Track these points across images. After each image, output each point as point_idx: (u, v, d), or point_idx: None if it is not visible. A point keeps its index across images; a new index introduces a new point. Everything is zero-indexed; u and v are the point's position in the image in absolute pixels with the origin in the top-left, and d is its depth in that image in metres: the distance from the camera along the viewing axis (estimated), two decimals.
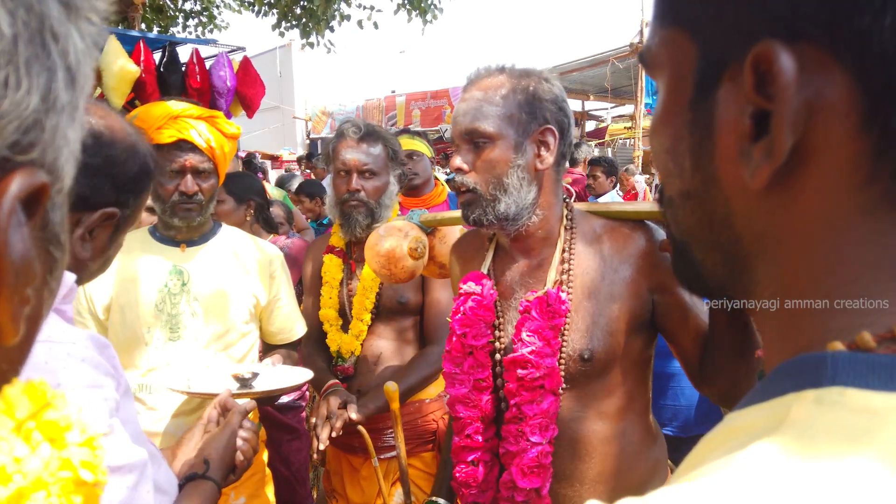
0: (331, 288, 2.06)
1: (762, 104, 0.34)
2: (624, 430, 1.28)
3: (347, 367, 2.03)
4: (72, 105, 0.32)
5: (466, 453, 1.32)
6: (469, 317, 1.32)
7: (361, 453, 2.00)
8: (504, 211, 1.23)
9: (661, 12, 0.41)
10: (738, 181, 0.37)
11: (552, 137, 1.24)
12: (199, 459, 1.12)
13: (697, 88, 0.38)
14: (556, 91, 1.26)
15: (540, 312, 1.24)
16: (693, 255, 0.43)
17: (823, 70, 0.33)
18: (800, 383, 0.32)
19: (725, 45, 0.36)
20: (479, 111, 1.23)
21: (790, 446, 0.29)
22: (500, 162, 1.22)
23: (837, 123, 0.33)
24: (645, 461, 1.31)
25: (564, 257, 1.28)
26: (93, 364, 0.82)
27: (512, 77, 1.25)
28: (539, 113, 1.23)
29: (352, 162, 1.95)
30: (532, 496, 1.24)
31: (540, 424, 1.23)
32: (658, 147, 0.43)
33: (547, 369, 1.22)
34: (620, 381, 1.27)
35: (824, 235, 0.35)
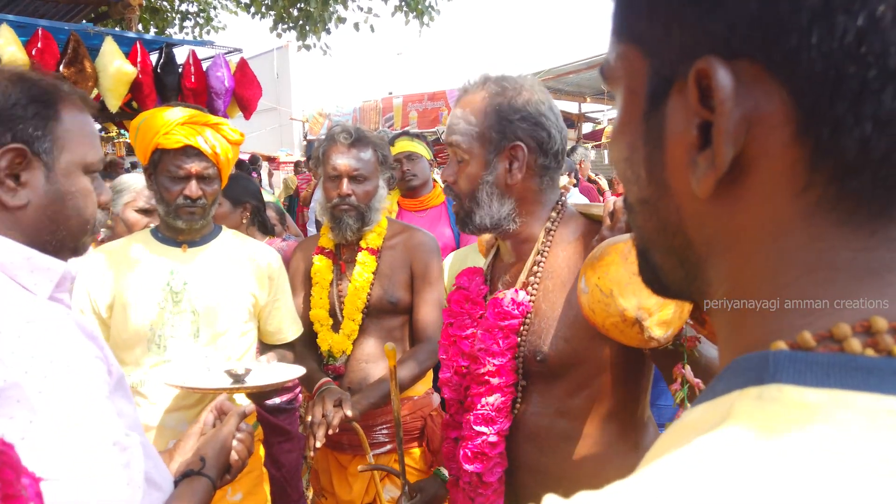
0: (321, 288, 2.09)
1: (706, 116, 0.36)
2: (589, 432, 1.29)
3: (339, 367, 2.05)
4: None
5: (449, 430, 1.43)
6: (455, 309, 1.41)
7: (350, 450, 2.03)
8: (480, 222, 1.30)
9: (617, 28, 0.44)
10: (688, 189, 0.39)
11: (521, 153, 1.27)
12: (195, 458, 1.14)
13: (649, 101, 0.40)
14: (529, 107, 1.27)
15: (492, 313, 1.30)
16: (653, 259, 0.46)
17: (760, 84, 0.35)
18: (744, 381, 0.34)
19: (673, 62, 0.38)
20: (457, 128, 1.30)
21: (729, 441, 0.31)
22: (472, 177, 1.30)
23: (774, 134, 0.35)
24: (618, 466, 1.27)
25: (536, 259, 1.32)
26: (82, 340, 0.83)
27: (489, 94, 1.29)
28: (509, 131, 1.27)
29: (343, 167, 1.99)
30: (474, 480, 1.30)
31: (484, 416, 1.28)
32: (617, 156, 0.46)
33: (496, 367, 1.28)
34: (583, 384, 1.28)
35: (766, 240, 0.37)
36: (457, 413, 1.40)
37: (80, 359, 0.82)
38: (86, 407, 0.79)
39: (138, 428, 0.92)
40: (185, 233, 1.85)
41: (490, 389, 1.29)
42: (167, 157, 1.77)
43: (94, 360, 0.84)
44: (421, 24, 8.03)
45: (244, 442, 1.23)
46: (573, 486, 1.32)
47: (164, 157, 1.78)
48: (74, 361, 0.81)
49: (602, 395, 1.28)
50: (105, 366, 0.86)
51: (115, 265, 1.82)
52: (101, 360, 0.86)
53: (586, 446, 1.29)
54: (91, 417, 0.79)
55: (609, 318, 1.03)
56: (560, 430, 1.29)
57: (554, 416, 1.29)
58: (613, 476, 1.19)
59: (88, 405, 0.80)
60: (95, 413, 0.80)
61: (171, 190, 1.78)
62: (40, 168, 0.96)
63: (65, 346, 0.81)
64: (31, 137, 0.94)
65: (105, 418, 0.81)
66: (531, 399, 1.31)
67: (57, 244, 0.98)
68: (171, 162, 1.77)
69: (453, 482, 1.42)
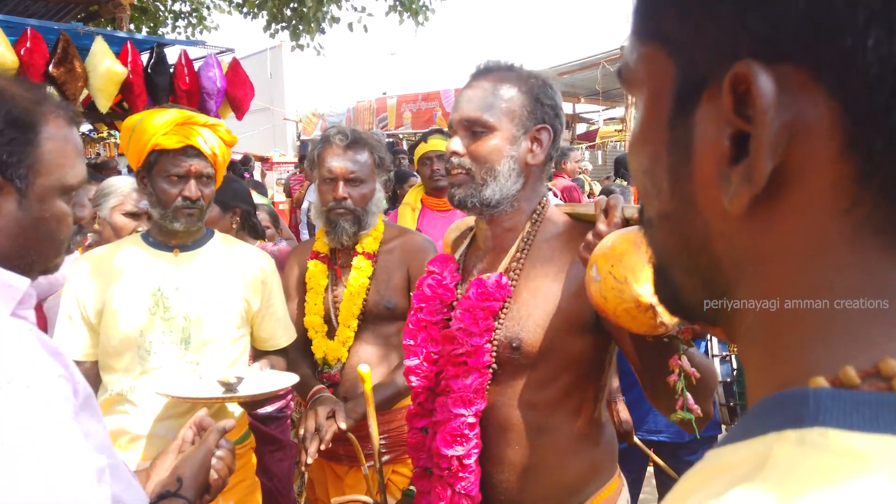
0: (316, 294, 2.04)
1: (741, 126, 0.33)
2: (555, 425, 1.31)
3: (334, 374, 2.01)
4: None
5: (415, 420, 1.42)
6: (426, 294, 1.41)
7: (346, 461, 1.98)
8: (489, 196, 1.30)
9: (639, 27, 0.40)
10: (717, 205, 0.35)
11: (546, 136, 1.33)
12: (172, 478, 1.10)
13: (675, 108, 0.37)
14: (556, 98, 1.36)
15: (475, 293, 1.31)
16: (672, 277, 0.42)
17: (805, 92, 0.32)
18: (781, 422, 0.31)
19: (704, 64, 0.35)
20: (485, 101, 1.30)
21: (772, 492, 0.28)
22: (495, 150, 1.30)
23: (819, 147, 0.32)
24: (579, 461, 1.33)
25: (521, 247, 1.35)
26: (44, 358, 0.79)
27: (520, 76, 1.33)
28: (538, 113, 1.31)
29: (338, 169, 1.94)
30: (455, 464, 1.30)
31: (462, 398, 1.29)
32: (636, 166, 0.42)
33: (472, 347, 1.29)
34: (553, 377, 1.29)
35: (805, 263, 0.34)
36: (426, 401, 1.39)
37: (42, 378, 0.77)
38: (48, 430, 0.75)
39: (108, 449, 0.87)
40: (178, 237, 1.82)
41: (466, 370, 1.30)
42: (165, 157, 1.74)
43: (57, 379, 0.80)
44: (416, 23, 7.99)
45: (224, 460, 1.18)
46: (538, 477, 1.24)
47: (162, 157, 1.74)
48: (35, 381, 0.76)
49: (569, 390, 1.31)
50: (70, 385, 0.82)
51: (105, 270, 1.79)
52: (65, 379, 0.81)
53: (551, 439, 1.31)
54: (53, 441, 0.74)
55: (622, 305, 1.04)
56: (527, 422, 1.30)
57: (523, 406, 1.31)
58: (575, 470, 1.15)
59: (51, 428, 0.75)
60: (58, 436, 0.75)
61: (170, 191, 1.75)
62: (13, 194, 0.91)
63: (25, 366, 0.77)
64: (5, 164, 0.90)
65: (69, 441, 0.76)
66: (500, 388, 1.32)
67: (25, 267, 0.93)
68: (170, 162, 1.74)
69: (420, 474, 1.40)
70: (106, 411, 1.70)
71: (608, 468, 1.39)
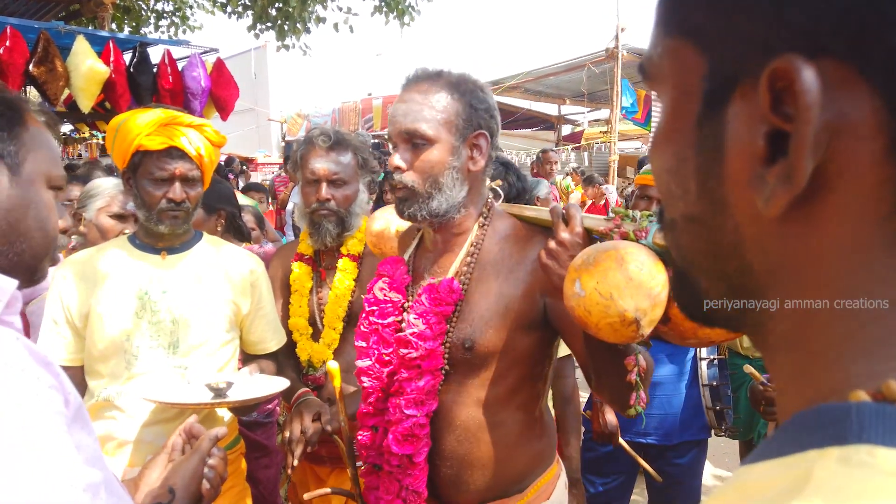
0: (301, 296, 2.03)
1: (778, 124, 0.31)
2: (503, 420, 1.36)
3: (318, 377, 2.00)
4: None
5: (367, 419, 1.45)
6: (377, 297, 1.44)
7: (329, 463, 1.98)
8: (436, 208, 1.33)
9: (665, 20, 0.38)
10: (750, 207, 0.34)
11: (485, 141, 1.35)
12: (163, 489, 1.07)
13: (705, 105, 0.35)
14: (488, 99, 1.37)
15: (429, 298, 1.34)
16: (696, 282, 0.40)
17: (848, 89, 0.30)
18: (822, 439, 0.29)
19: (738, 59, 0.33)
20: (420, 114, 1.31)
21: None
22: (437, 163, 1.31)
23: (861, 148, 0.30)
24: (525, 453, 1.40)
25: (469, 251, 1.38)
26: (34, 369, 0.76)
27: (451, 83, 1.34)
28: (474, 118, 1.33)
29: (321, 171, 1.94)
30: (405, 462, 1.34)
31: (415, 399, 1.33)
32: (659, 166, 0.40)
33: (426, 351, 1.32)
34: (503, 374, 1.34)
35: (844, 269, 0.32)
36: (378, 402, 1.42)
37: (32, 390, 0.74)
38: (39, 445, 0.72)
39: (99, 461, 0.84)
40: (165, 239, 1.79)
41: (420, 373, 1.33)
42: (149, 158, 1.71)
43: (48, 390, 0.76)
44: (401, 24, 7.96)
45: (217, 468, 1.15)
46: (486, 471, 1.30)
47: (146, 159, 1.71)
48: (25, 394, 0.73)
49: (517, 387, 1.36)
50: (61, 396, 0.79)
51: (91, 273, 1.75)
52: (56, 390, 0.78)
53: (500, 434, 1.36)
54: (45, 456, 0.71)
55: (606, 319, 1.08)
56: (477, 419, 1.35)
57: (473, 404, 1.35)
58: (521, 462, 1.23)
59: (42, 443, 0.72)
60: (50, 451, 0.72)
61: (154, 193, 1.72)
62: (4, 170, 0.90)
63: (14, 377, 0.73)
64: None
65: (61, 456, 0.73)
66: (452, 387, 1.36)
67: (14, 257, 0.90)
68: (153, 164, 1.70)
69: (369, 470, 1.45)
70: (92, 417, 1.66)
71: (549, 455, 1.46)
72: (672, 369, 2.35)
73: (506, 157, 2.42)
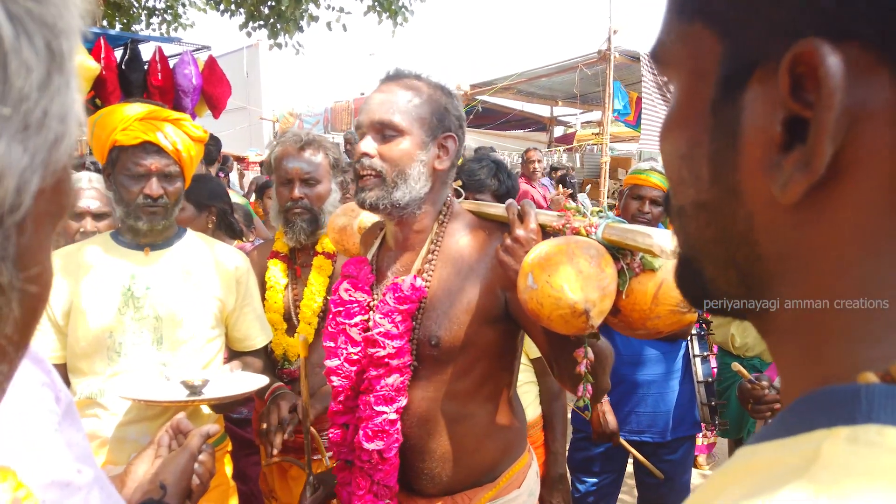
0: (275, 292, 2.10)
1: (797, 110, 0.31)
2: (472, 412, 1.40)
3: (293, 371, 2.06)
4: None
5: (338, 417, 1.48)
6: (343, 298, 1.46)
7: (292, 453, 2.01)
8: (399, 198, 1.35)
9: (680, 4, 0.38)
10: (764, 194, 0.34)
11: (452, 144, 1.39)
12: (154, 485, 1.06)
13: (721, 90, 0.35)
14: (460, 108, 1.43)
15: (393, 297, 1.36)
16: (702, 270, 0.40)
17: (870, 74, 0.30)
18: (830, 418, 0.29)
19: (757, 43, 0.33)
20: (397, 105, 1.34)
21: (828, 491, 0.26)
22: (406, 154, 1.34)
23: (881, 135, 0.30)
24: (495, 442, 1.43)
25: (430, 248, 1.41)
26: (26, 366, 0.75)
27: (430, 84, 1.40)
28: (446, 121, 1.38)
29: (294, 171, 2.03)
30: (375, 457, 1.37)
31: (385, 397, 1.35)
32: (671, 151, 0.39)
33: (394, 349, 1.34)
34: (470, 367, 1.37)
35: (858, 258, 0.32)
36: (347, 400, 1.45)
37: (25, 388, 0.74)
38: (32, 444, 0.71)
39: (89, 459, 0.84)
40: (146, 235, 1.78)
41: (389, 371, 1.35)
42: (125, 154, 1.70)
43: (40, 387, 0.76)
44: (394, 24, 7.95)
45: (206, 464, 1.15)
46: (457, 462, 1.32)
47: (123, 154, 1.70)
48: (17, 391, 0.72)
49: (484, 379, 1.40)
50: (53, 393, 0.78)
51: (73, 270, 1.73)
52: (48, 388, 0.77)
53: (469, 426, 1.40)
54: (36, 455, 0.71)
55: (557, 311, 1.12)
56: (446, 412, 1.38)
57: (442, 399, 1.38)
58: (491, 452, 1.27)
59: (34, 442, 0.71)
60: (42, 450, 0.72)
61: (131, 189, 1.71)
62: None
63: None
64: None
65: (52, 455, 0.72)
66: (421, 383, 1.38)
67: None
68: (129, 159, 1.70)
69: (342, 466, 1.48)
70: None
71: (520, 445, 1.49)
72: (664, 367, 2.37)
73: (497, 157, 2.43)
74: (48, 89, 0.30)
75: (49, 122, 0.30)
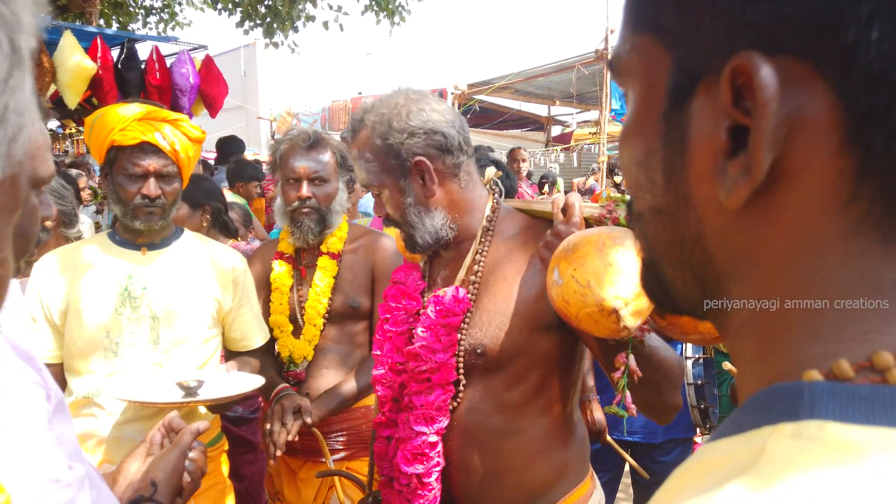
0: (281, 294, 2.06)
1: (739, 119, 0.33)
2: (522, 426, 1.28)
3: (299, 373, 2.04)
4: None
5: (381, 429, 1.40)
6: (391, 304, 1.41)
7: (302, 455, 2.01)
8: (423, 241, 1.33)
9: (634, 18, 0.39)
10: (712, 199, 0.35)
11: (426, 166, 1.28)
12: (145, 482, 1.06)
13: (670, 100, 0.37)
14: (414, 115, 1.28)
15: (435, 310, 1.30)
16: (663, 273, 0.42)
17: (805, 84, 0.31)
18: (776, 415, 0.31)
19: (701, 56, 0.34)
20: (361, 169, 1.34)
21: (769, 485, 0.27)
22: (396, 206, 1.32)
23: (819, 141, 0.31)
24: (547, 461, 1.30)
25: (475, 258, 1.33)
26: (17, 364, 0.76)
27: (371, 125, 1.31)
28: (404, 151, 1.28)
29: (301, 169, 1.97)
30: (414, 481, 1.28)
31: (424, 415, 1.27)
32: (628, 159, 0.41)
33: (436, 364, 1.27)
34: (520, 378, 1.27)
35: (800, 258, 0.33)
36: (390, 411, 1.38)
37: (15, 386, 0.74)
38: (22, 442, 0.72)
39: (79, 455, 0.84)
40: (144, 235, 1.78)
41: (430, 387, 1.28)
42: (123, 154, 1.70)
43: (30, 385, 0.76)
44: (392, 24, 7.95)
45: (197, 462, 1.15)
46: (505, 481, 1.23)
47: (120, 154, 1.71)
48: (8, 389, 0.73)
49: (537, 391, 1.29)
50: (43, 391, 0.79)
51: (70, 269, 1.74)
52: (39, 385, 0.78)
53: (519, 441, 1.28)
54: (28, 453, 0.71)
55: (584, 309, 1.01)
56: (494, 426, 1.28)
57: (490, 411, 1.28)
58: (543, 471, 1.12)
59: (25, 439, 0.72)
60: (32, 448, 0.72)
61: (129, 189, 1.71)
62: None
63: None
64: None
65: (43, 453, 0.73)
66: (468, 395, 1.29)
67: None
68: (127, 160, 1.70)
69: (386, 483, 1.38)
70: (72, 415, 1.65)
71: (579, 469, 1.36)
72: None
73: (496, 157, 2.43)
74: (8, 85, 0.31)
75: (9, 117, 0.31)
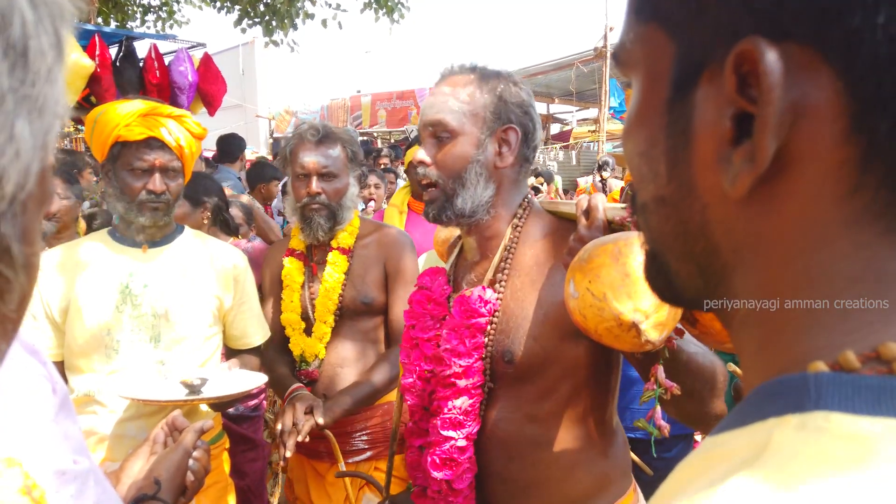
0: (292, 291, 2.03)
1: (744, 106, 0.33)
2: (557, 436, 1.24)
3: (312, 371, 2.00)
4: (18, 93, 0.28)
5: (412, 438, 1.37)
6: (417, 310, 1.36)
7: (327, 458, 1.97)
8: (461, 207, 1.25)
9: (637, 7, 0.39)
10: (717, 188, 0.35)
11: (514, 136, 1.26)
12: (148, 481, 1.06)
13: (674, 89, 0.36)
14: (523, 95, 1.28)
15: (459, 311, 1.26)
16: (666, 264, 0.41)
17: (810, 71, 0.31)
18: (781, 407, 0.31)
19: (705, 44, 0.34)
20: (446, 105, 1.25)
21: (774, 477, 0.27)
22: (460, 157, 1.24)
23: (823, 129, 0.31)
24: (585, 473, 1.26)
25: (503, 256, 1.28)
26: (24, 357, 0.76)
27: (482, 77, 1.27)
28: (503, 113, 1.25)
29: (311, 165, 1.93)
30: (445, 487, 1.25)
31: (452, 420, 1.24)
32: (631, 149, 0.41)
33: (461, 367, 1.23)
34: (552, 387, 1.23)
35: (805, 248, 0.33)
36: (421, 420, 1.35)
37: (22, 379, 0.74)
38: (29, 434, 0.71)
39: (84, 451, 0.84)
40: (145, 232, 1.78)
41: (457, 392, 1.24)
42: (128, 150, 1.70)
43: (37, 379, 0.76)
44: (391, 21, 7.94)
45: (201, 460, 1.15)
46: (542, 493, 1.20)
47: (125, 150, 1.70)
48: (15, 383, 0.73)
49: (571, 399, 1.24)
50: (49, 384, 0.78)
51: (70, 267, 1.73)
52: (45, 379, 0.78)
53: (555, 452, 1.24)
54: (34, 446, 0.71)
55: (603, 324, 0.95)
56: (529, 436, 1.24)
57: (522, 421, 1.24)
58: (582, 483, 1.07)
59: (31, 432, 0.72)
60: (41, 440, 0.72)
61: (133, 185, 1.71)
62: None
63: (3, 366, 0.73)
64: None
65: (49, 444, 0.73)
66: (499, 403, 1.26)
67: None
68: (132, 155, 1.70)
69: (419, 493, 1.35)
70: None
71: (620, 481, 1.31)
72: None
73: None
74: (52, 74, 0.31)
75: (50, 107, 0.31)
